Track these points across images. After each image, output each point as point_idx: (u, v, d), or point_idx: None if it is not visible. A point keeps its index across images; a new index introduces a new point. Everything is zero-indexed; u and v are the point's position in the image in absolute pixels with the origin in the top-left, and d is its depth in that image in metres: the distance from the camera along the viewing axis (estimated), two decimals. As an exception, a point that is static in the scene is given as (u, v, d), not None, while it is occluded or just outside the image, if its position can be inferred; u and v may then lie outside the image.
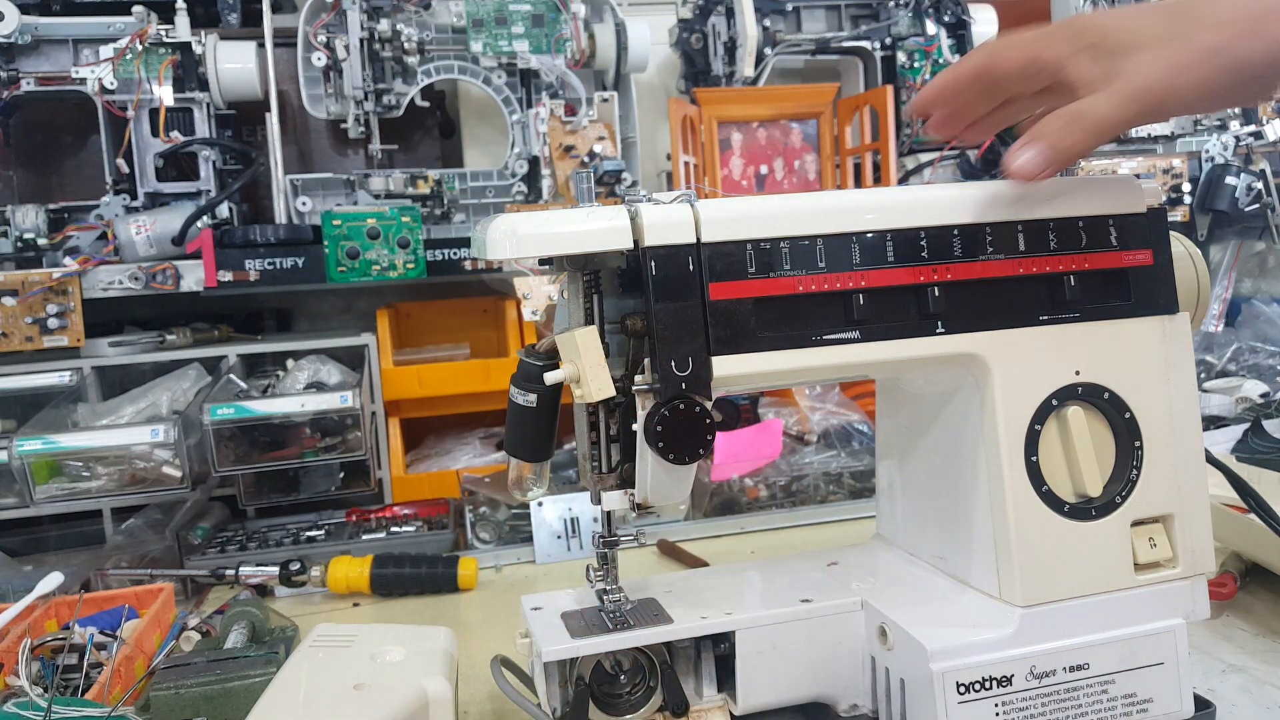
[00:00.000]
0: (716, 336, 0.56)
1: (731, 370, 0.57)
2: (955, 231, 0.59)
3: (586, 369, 0.57)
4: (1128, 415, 0.59)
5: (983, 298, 0.59)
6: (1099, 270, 0.60)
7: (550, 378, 0.59)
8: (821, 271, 0.58)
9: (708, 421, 0.56)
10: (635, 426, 0.59)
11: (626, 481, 0.62)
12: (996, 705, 0.57)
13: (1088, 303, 0.60)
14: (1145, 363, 0.60)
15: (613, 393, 0.57)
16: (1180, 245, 0.64)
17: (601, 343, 0.59)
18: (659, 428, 0.56)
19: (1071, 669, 0.59)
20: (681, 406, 0.56)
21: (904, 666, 0.60)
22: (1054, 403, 0.59)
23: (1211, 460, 0.61)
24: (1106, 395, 0.59)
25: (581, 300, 0.61)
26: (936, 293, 0.59)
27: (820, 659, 0.65)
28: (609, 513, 0.65)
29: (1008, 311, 0.59)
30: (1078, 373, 0.59)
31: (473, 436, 1.43)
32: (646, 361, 0.59)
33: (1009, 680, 0.57)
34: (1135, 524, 0.62)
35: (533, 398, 0.61)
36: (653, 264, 0.57)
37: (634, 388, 0.58)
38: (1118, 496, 0.61)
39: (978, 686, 0.57)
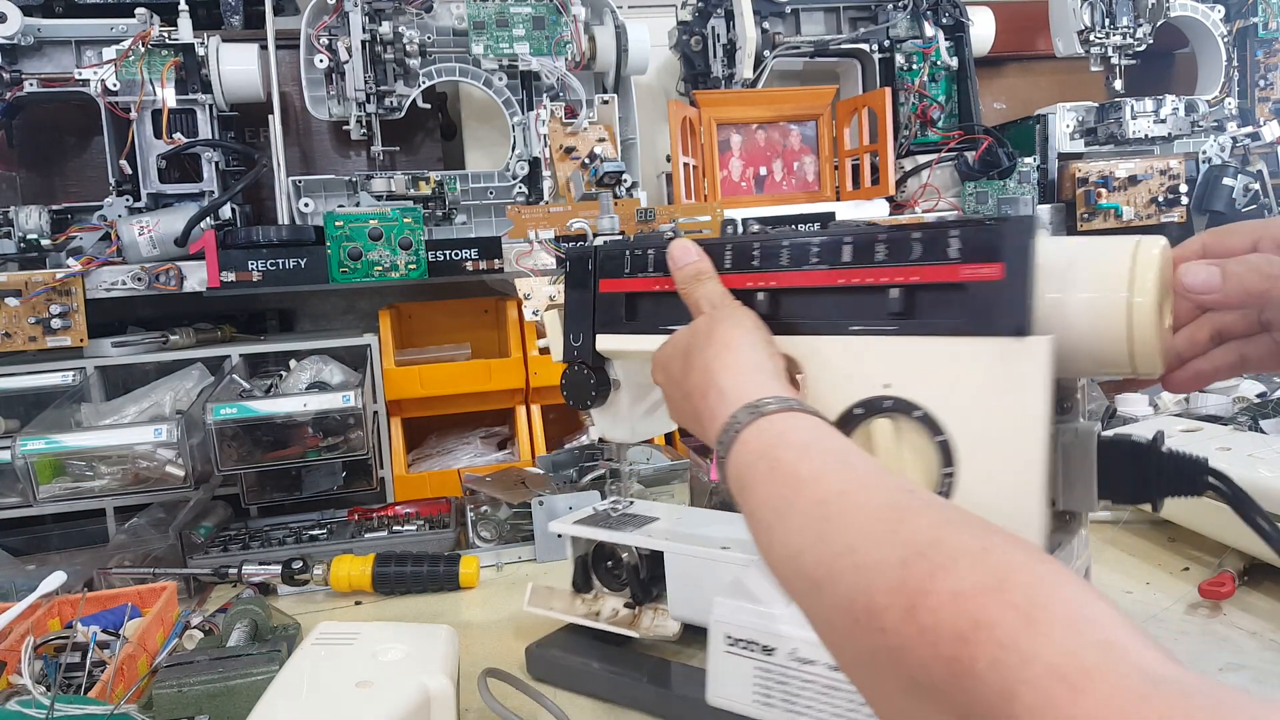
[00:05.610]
0: (599, 320, 0.71)
1: (607, 346, 0.71)
2: (784, 242, 0.60)
3: (550, 339, 0.79)
4: (940, 439, 0.53)
5: (801, 305, 0.60)
6: (930, 284, 0.54)
7: (539, 344, 0.82)
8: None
9: (592, 380, 0.72)
10: None
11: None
12: (758, 668, 0.62)
13: (907, 316, 0.55)
14: (968, 386, 0.52)
15: (559, 358, 0.75)
16: (1116, 271, 0.50)
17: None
18: (563, 382, 0.74)
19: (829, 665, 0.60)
20: (576, 369, 0.72)
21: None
22: (857, 412, 0.56)
23: (1213, 473, 0.57)
24: (918, 413, 0.54)
25: (563, 287, 0.75)
26: (760, 297, 0.60)
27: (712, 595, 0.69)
28: (601, 439, 0.81)
29: (821, 320, 0.59)
30: (887, 386, 0.55)
31: (474, 436, 1.44)
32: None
33: (771, 650, 0.62)
34: None
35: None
36: (567, 263, 0.74)
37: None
38: None
39: (745, 645, 0.63)
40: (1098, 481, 0.54)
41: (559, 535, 0.86)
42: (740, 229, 0.67)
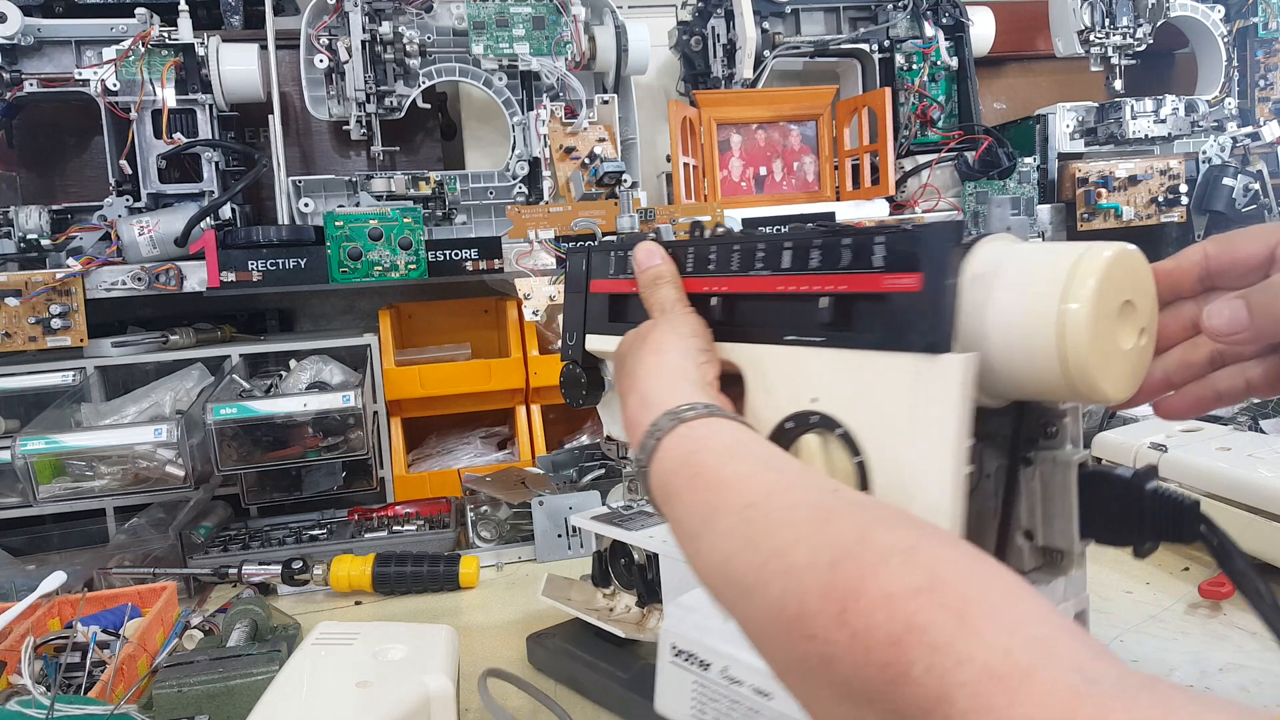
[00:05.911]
0: (589, 320, 0.71)
1: (594, 346, 0.71)
2: (735, 246, 0.58)
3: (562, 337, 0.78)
4: (858, 460, 0.50)
5: (745, 312, 0.58)
6: (857, 294, 0.51)
7: (556, 345, 0.79)
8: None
9: (583, 380, 0.71)
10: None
11: None
12: (695, 682, 0.61)
13: (835, 328, 0.52)
14: (883, 405, 0.48)
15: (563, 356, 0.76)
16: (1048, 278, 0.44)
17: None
18: (560, 380, 0.73)
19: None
20: (569, 367, 0.72)
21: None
22: (788, 425, 0.54)
23: (1205, 520, 0.48)
24: (840, 431, 0.51)
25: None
26: (713, 302, 0.59)
27: None
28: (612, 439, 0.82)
29: (762, 327, 0.56)
30: (814, 400, 0.52)
31: (474, 436, 1.44)
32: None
33: (707, 665, 0.61)
34: None
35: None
36: (567, 263, 0.73)
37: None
38: None
39: (687, 657, 0.62)
40: (1081, 518, 0.50)
41: (560, 534, 0.87)
42: (704, 231, 0.65)
